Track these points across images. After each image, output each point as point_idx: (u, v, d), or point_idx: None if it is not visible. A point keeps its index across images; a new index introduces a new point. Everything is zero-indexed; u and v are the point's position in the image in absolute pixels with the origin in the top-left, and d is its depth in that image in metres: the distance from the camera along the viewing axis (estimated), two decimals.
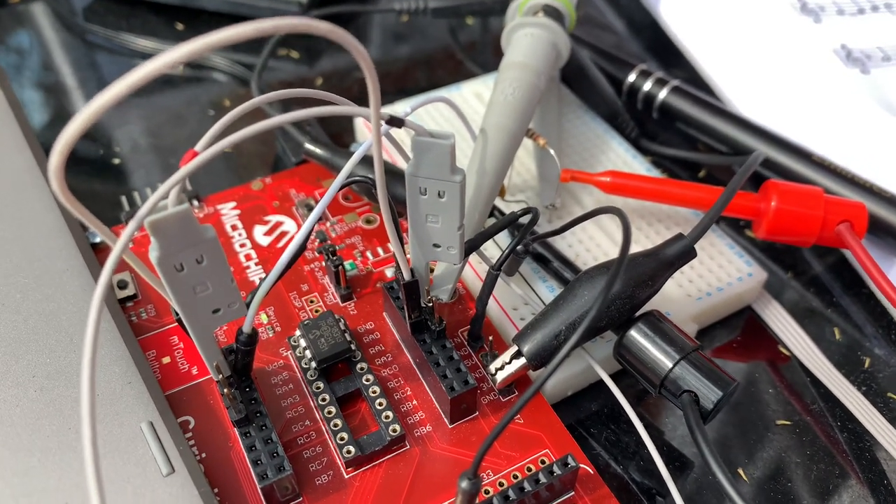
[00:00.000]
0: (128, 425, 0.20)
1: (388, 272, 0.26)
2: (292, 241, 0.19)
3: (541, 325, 0.22)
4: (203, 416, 0.22)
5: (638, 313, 0.22)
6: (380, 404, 0.22)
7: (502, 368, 0.22)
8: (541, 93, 0.27)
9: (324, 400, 0.22)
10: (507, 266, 0.23)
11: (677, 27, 0.38)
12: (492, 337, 0.23)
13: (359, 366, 0.23)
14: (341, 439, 0.21)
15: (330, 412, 0.21)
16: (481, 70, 0.39)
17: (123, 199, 0.29)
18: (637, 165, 0.30)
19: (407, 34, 0.42)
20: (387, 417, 0.21)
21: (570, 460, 0.20)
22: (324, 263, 0.26)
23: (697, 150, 0.34)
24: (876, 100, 0.33)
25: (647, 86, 0.33)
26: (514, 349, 0.22)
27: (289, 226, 0.28)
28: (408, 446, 0.21)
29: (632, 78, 0.34)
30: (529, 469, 0.21)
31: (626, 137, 0.33)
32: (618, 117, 0.33)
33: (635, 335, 0.22)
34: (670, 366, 0.21)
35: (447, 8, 0.38)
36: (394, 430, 0.21)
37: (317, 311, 0.25)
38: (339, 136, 0.33)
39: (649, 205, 0.29)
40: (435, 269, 0.24)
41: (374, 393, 0.22)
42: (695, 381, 0.21)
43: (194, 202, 0.28)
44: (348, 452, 0.21)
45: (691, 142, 0.35)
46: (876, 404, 0.25)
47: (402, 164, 0.24)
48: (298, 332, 0.23)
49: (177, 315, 0.19)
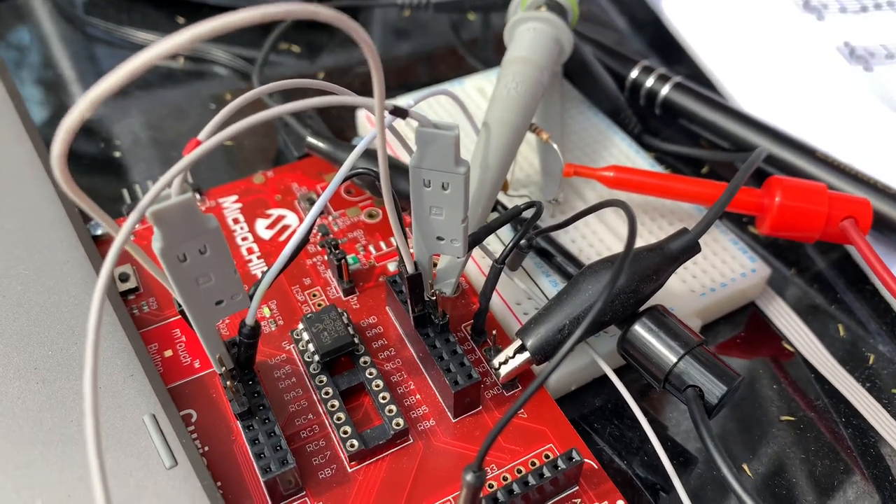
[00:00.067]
0: (130, 418, 0.20)
1: (391, 266, 0.26)
2: (295, 235, 0.19)
3: (544, 320, 0.22)
4: (206, 410, 0.22)
5: (642, 308, 0.22)
6: (383, 398, 0.22)
7: (506, 363, 0.22)
8: (544, 88, 0.27)
9: (327, 393, 0.22)
10: (510, 260, 0.23)
11: (680, 24, 0.37)
12: (495, 331, 0.23)
13: (362, 359, 0.22)
14: (344, 433, 0.21)
15: (333, 406, 0.21)
16: (483, 65, 0.39)
17: (125, 193, 0.29)
18: (640, 161, 0.30)
19: (409, 29, 0.41)
20: (390, 411, 0.21)
21: (574, 455, 0.20)
22: (326, 257, 0.26)
23: (700, 147, 0.34)
24: (879, 97, 0.33)
25: (650, 82, 0.33)
26: (517, 343, 0.22)
27: (291, 219, 0.28)
28: (411, 440, 0.21)
29: (634, 74, 0.34)
30: (533, 463, 0.21)
31: (629, 133, 0.33)
32: (620, 113, 0.33)
33: (639, 330, 0.22)
34: (675, 360, 0.21)
35: (449, 3, 0.38)
36: (397, 424, 0.21)
37: (319, 304, 0.25)
38: (341, 131, 0.33)
39: (652, 200, 0.29)
40: (438, 263, 0.24)
41: (378, 387, 0.22)
42: (699, 375, 0.21)
43: (196, 195, 0.28)
44: (352, 446, 0.20)
45: (694, 138, 0.34)
46: (880, 400, 0.25)
47: (405, 158, 0.24)
48: (301, 326, 0.23)
49: (180, 307, 0.19)
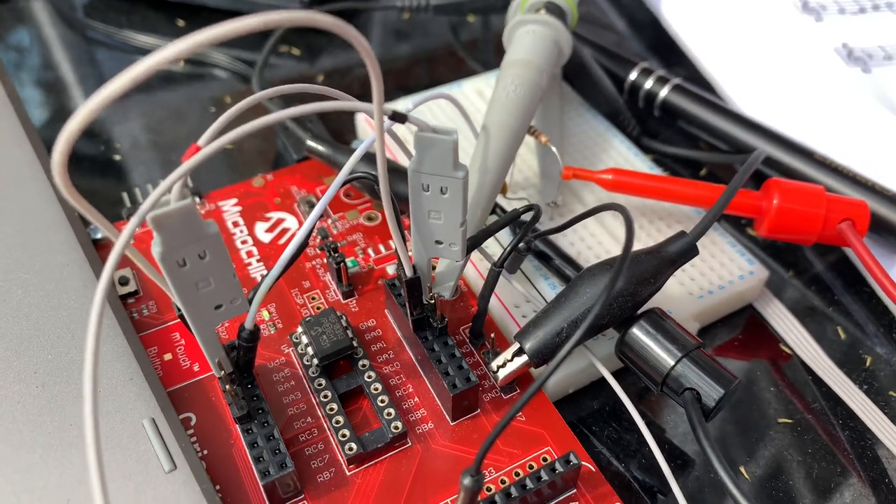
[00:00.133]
0: (129, 422, 0.20)
1: (390, 269, 0.26)
2: (294, 238, 0.19)
3: (542, 323, 0.22)
4: (205, 413, 0.22)
5: (640, 311, 0.22)
6: (381, 401, 0.22)
7: (504, 366, 0.22)
8: (543, 90, 0.27)
9: (325, 397, 0.22)
10: (508, 263, 0.23)
11: (679, 25, 0.38)
12: (493, 334, 0.23)
13: (360, 363, 0.23)
14: (343, 436, 0.21)
15: (332, 409, 0.21)
16: (483, 67, 0.39)
17: (125, 196, 0.29)
18: (639, 163, 0.30)
19: (408, 31, 0.42)
20: (388, 414, 0.21)
21: (571, 458, 0.20)
22: (325, 260, 0.26)
23: (699, 149, 0.34)
24: (877, 98, 0.33)
25: (649, 84, 0.33)
26: (515, 346, 0.22)
27: (290, 223, 0.28)
28: (409, 443, 0.21)
29: (633, 76, 0.34)
30: (531, 466, 0.21)
31: (628, 135, 0.33)
32: (619, 115, 0.33)
33: (637, 333, 0.22)
34: (672, 363, 0.21)
35: (449, 5, 0.38)
36: (395, 428, 0.21)
37: (318, 308, 0.25)
38: (341, 134, 0.33)
39: (651, 202, 0.29)
40: (437, 267, 0.24)
41: (376, 390, 0.22)
42: (697, 378, 0.21)
43: (196, 199, 0.28)
44: (350, 449, 0.20)
45: (693, 140, 0.35)
46: (877, 402, 0.25)
47: (404, 161, 0.24)
48: (300, 329, 0.23)
49: (179, 311, 0.19)
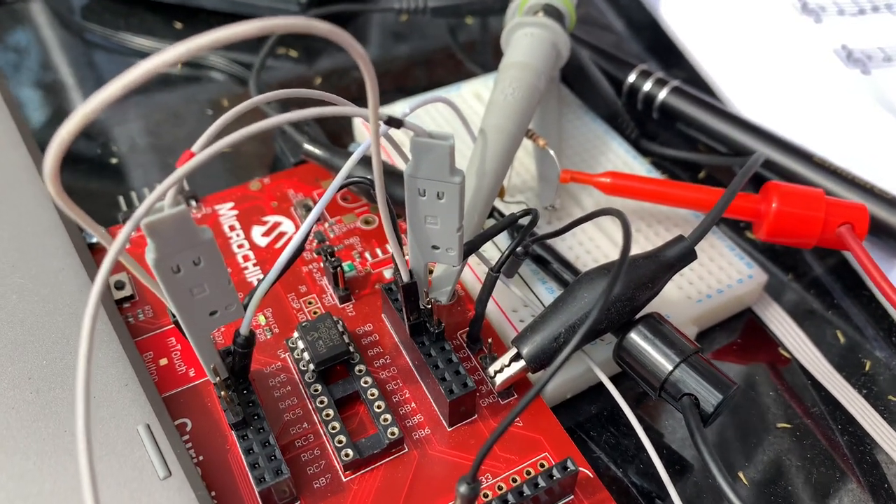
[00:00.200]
0: (124, 428, 0.20)
1: (387, 273, 0.26)
2: (290, 242, 0.19)
3: (540, 328, 0.21)
4: (200, 419, 0.22)
5: (638, 315, 0.22)
6: (378, 407, 0.21)
7: (501, 371, 0.22)
8: (541, 93, 0.27)
9: (322, 402, 0.22)
10: (506, 268, 0.23)
11: (677, 27, 0.37)
12: (491, 339, 0.23)
13: (357, 368, 0.22)
14: (339, 442, 0.21)
15: (328, 415, 0.21)
16: (481, 70, 0.39)
17: (121, 200, 0.29)
18: (637, 166, 0.30)
19: (406, 34, 0.41)
20: (385, 420, 0.21)
21: (569, 464, 0.20)
22: (322, 264, 0.26)
23: (698, 151, 0.34)
24: (877, 100, 0.32)
25: (647, 86, 0.33)
26: (513, 351, 0.22)
27: (287, 226, 0.27)
28: (406, 449, 0.21)
29: (632, 78, 0.34)
30: (528, 473, 0.21)
31: (626, 138, 0.32)
32: (618, 118, 0.33)
33: (635, 338, 0.21)
34: (670, 369, 0.21)
35: (447, 7, 0.38)
36: (392, 433, 0.21)
37: (315, 312, 0.25)
38: (338, 137, 0.33)
39: (649, 206, 0.29)
40: (434, 271, 0.23)
41: (373, 395, 0.22)
42: (695, 384, 0.21)
43: (192, 202, 0.28)
44: (346, 455, 0.20)
45: (691, 142, 0.34)
46: (877, 407, 0.25)
47: (401, 165, 0.24)
48: (296, 334, 0.23)
49: (174, 317, 0.19)
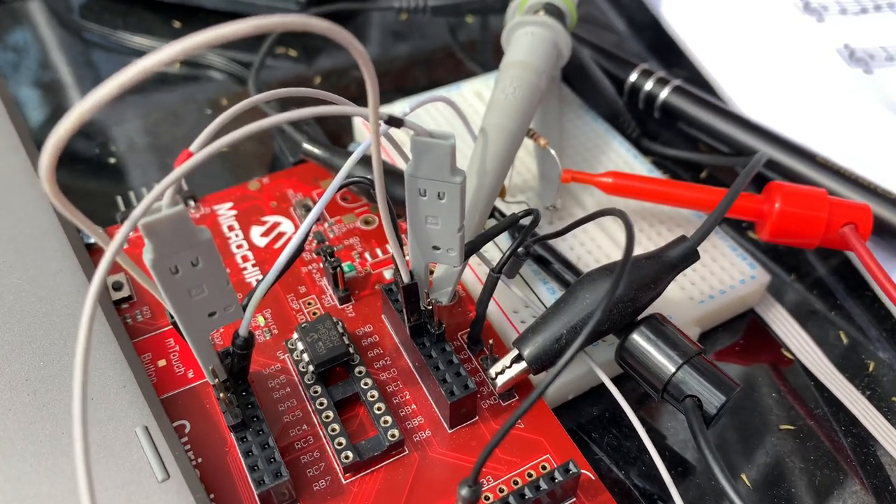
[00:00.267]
0: (122, 430, 0.20)
1: (387, 274, 0.26)
2: (290, 243, 0.19)
3: (542, 329, 0.21)
4: (199, 421, 0.21)
5: (640, 316, 0.22)
6: (378, 409, 0.21)
7: (503, 372, 0.22)
8: (542, 92, 0.27)
9: (321, 404, 0.21)
10: (507, 268, 0.23)
11: (679, 26, 0.37)
12: (492, 340, 0.23)
13: (357, 369, 0.22)
14: (339, 444, 0.20)
15: (328, 417, 0.21)
16: (481, 69, 0.38)
17: (119, 200, 0.28)
18: (638, 166, 0.30)
19: (406, 32, 0.41)
20: (385, 422, 0.21)
21: (571, 466, 0.20)
22: (322, 265, 0.26)
23: (699, 151, 0.34)
24: (879, 100, 0.32)
25: (649, 85, 0.33)
26: (514, 353, 0.22)
27: (286, 226, 0.27)
28: (406, 451, 0.21)
29: (633, 77, 0.33)
30: (530, 475, 0.21)
31: (628, 137, 0.32)
32: (619, 117, 0.33)
33: (637, 339, 0.21)
34: (673, 370, 0.21)
35: (447, 6, 0.38)
36: (392, 435, 0.21)
37: (314, 313, 0.24)
38: (338, 136, 0.33)
39: (651, 206, 0.28)
40: (434, 272, 0.23)
41: (373, 397, 0.22)
42: (698, 385, 0.20)
43: (190, 202, 0.28)
44: (346, 458, 0.20)
45: (693, 142, 0.34)
46: (880, 408, 0.24)
47: (401, 165, 0.24)
48: (296, 335, 0.23)
49: (172, 318, 0.19)
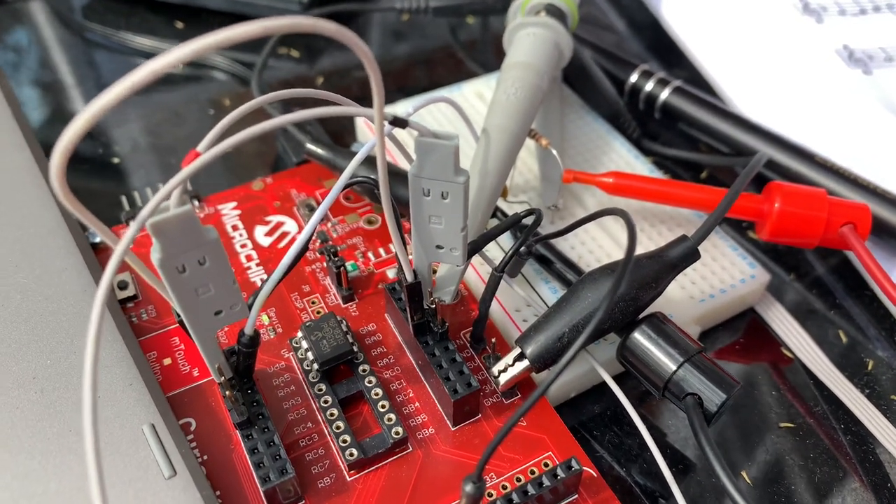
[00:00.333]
0: (129, 427, 0.20)
1: (390, 273, 0.26)
2: (295, 243, 0.19)
3: (544, 327, 0.21)
4: (204, 418, 0.22)
5: (641, 315, 0.22)
6: (382, 406, 0.22)
7: (505, 371, 0.22)
8: (543, 93, 0.27)
9: (326, 402, 0.22)
10: (509, 268, 0.23)
11: (679, 27, 0.37)
12: (494, 339, 0.23)
13: (361, 367, 0.22)
14: (344, 442, 0.21)
15: (332, 414, 0.21)
16: (482, 69, 0.39)
17: (123, 199, 0.29)
18: (639, 166, 0.30)
19: (407, 33, 0.41)
20: (389, 420, 0.21)
21: (573, 463, 0.20)
22: (325, 264, 0.26)
23: (699, 151, 0.34)
24: (879, 100, 0.33)
25: (649, 86, 0.33)
26: (517, 351, 0.22)
27: (290, 226, 0.27)
28: (410, 449, 0.21)
29: (634, 78, 0.34)
30: (533, 472, 0.21)
31: (629, 138, 0.33)
32: (620, 118, 0.33)
33: (639, 337, 0.22)
34: (674, 368, 0.21)
35: (448, 7, 0.38)
36: (396, 433, 0.21)
37: (318, 312, 0.25)
38: (340, 136, 0.33)
39: (651, 206, 0.29)
40: (437, 271, 0.23)
41: (377, 395, 0.22)
42: (698, 383, 0.21)
43: (195, 202, 0.28)
44: (351, 455, 0.20)
45: (693, 142, 0.34)
46: (879, 406, 0.25)
47: (404, 165, 0.24)
48: (300, 334, 0.23)
49: (178, 317, 0.19)
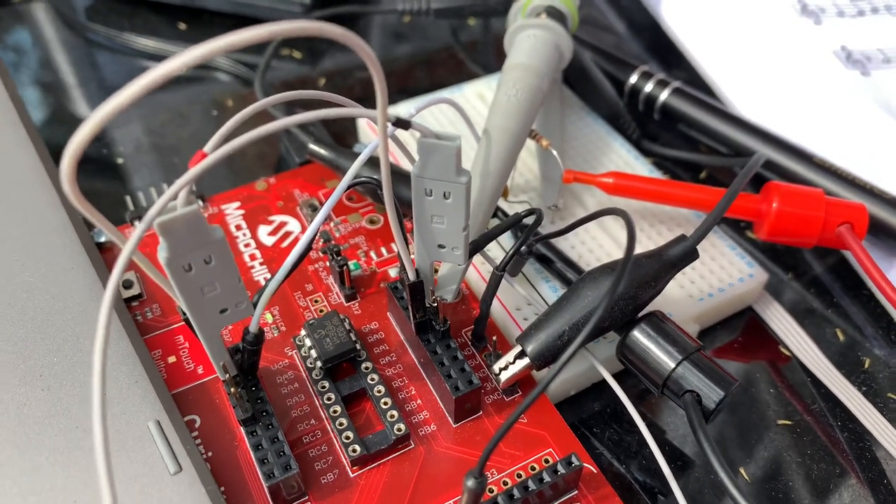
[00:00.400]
0: (135, 424, 0.20)
1: (392, 272, 0.26)
2: (299, 242, 0.20)
3: (544, 326, 0.22)
4: (209, 415, 0.22)
5: (640, 314, 0.22)
6: (385, 403, 0.22)
7: (506, 368, 0.22)
8: (544, 94, 0.27)
9: (329, 399, 0.22)
10: (510, 267, 0.23)
11: (678, 28, 0.38)
12: (495, 337, 0.24)
13: (363, 365, 0.23)
14: (346, 438, 0.21)
15: (335, 411, 0.22)
16: (483, 71, 0.39)
17: (128, 199, 0.29)
18: (639, 166, 0.31)
19: (409, 35, 0.42)
20: (392, 417, 0.21)
21: (573, 459, 0.20)
22: (328, 263, 0.26)
23: (699, 152, 0.34)
24: (876, 101, 0.33)
25: (649, 87, 0.33)
26: (517, 349, 0.22)
27: (293, 226, 0.28)
28: (412, 445, 0.22)
29: (633, 79, 0.34)
30: (533, 468, 0.21)
31: (628, 139, 0.33)
32: (619, 118, 0.33)
33: (638, 335, 0.22)
34: (673, 366, 0.21)
35: (449, 9, 0.38)
36: (398, 430, 0.21)
37: (321, 311, 0.25)
38: (343, 137, 0.33)
39: (651, 205, 0.29)
40: (439, 270, 0.24)
41: (379, 392, 0.22)
42: (697, 381, 0.21)
43: (199, 202, 0.28)
44: (353, 451, 0.21)
45: (692, 143, 0.35)
46: (876, 404, 0.25)
47: (406, 166, 0.24)
48: (304, 332, 0.23)
49: (184, 315, 0.19)
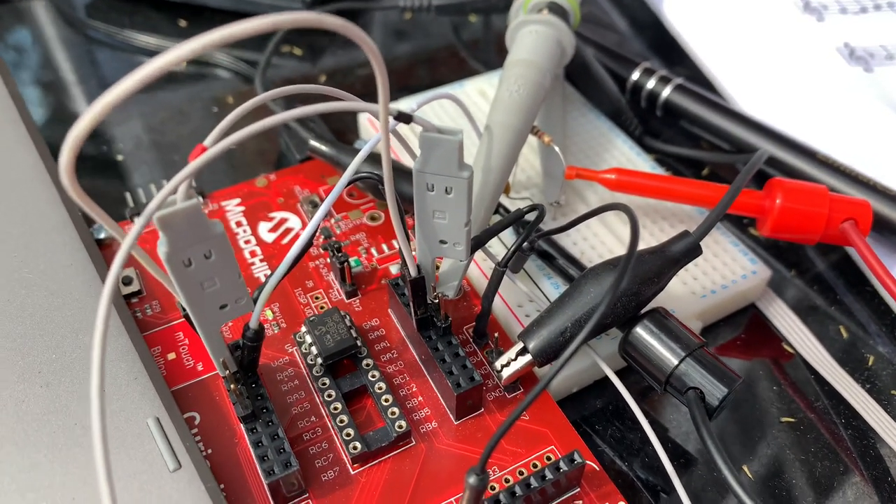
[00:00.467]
0: (134, 421, 0.20)
1: (393, 269, 0.26)
2: (299, 238, 0.19)
3: (546, 322, 0.22)
4: (209, 412, 0.22)
5: (643, 310, 0.22)
6: (386, 400, 0.22)
7: (508, 365, 0.22)
8: (546, 90, 0.27)
9: (330, 396, 0.22)
10: (512, 263, 0.23)
11: (680, 25, 0.38)
12: (497, 334, 0.23)
13: (364, 362, 0.23)
14: (347, 435, 0.21)
15: (336, 408, 0.21)
16: (484, 67, 0.39)
17: (128, 196, 0.29)
18: (641, 163, 0.30)
19: (410, 31, 0.42)
20: (393, 413, 0.21)
21: (576, 457, 0.20)
22: (329, 260, 0.26)
23: (701, 148, 0.34)
24: (879, 98, 0.33)
25: (651, 84, 0.33)
26: (519, 346, 0.22)
27: (293, 222, 0.28)
28: (413, 442, 0.21)
29: (635, 76, 0.34)
30: (535, 465, 0.21)
31: (630, 135, 0.33)
32: (622, 115, 0.33)
33: (641, 332, 0.22)
34: (676, 363, 0.21)
35: (450, 5, 0.38)
36: (399, 427, 0.21)
37: (322, 307, 0.25)
38: (343, 133, 0.33)
39: (653, 202, 0.29)
40: (441, 266, 0.24)
41: (380, 389, 0.22)
42: (700, 378, 0.21)
43: (199, 198, 0.28)
44: (354, 448, 0.21)
45: (695, 140, 0.35)
46: (880, 401, 0.25)
47: (407, 161, 0.24)
48: (304, 329, 0.23)
49: (184, 311, 0.19)
